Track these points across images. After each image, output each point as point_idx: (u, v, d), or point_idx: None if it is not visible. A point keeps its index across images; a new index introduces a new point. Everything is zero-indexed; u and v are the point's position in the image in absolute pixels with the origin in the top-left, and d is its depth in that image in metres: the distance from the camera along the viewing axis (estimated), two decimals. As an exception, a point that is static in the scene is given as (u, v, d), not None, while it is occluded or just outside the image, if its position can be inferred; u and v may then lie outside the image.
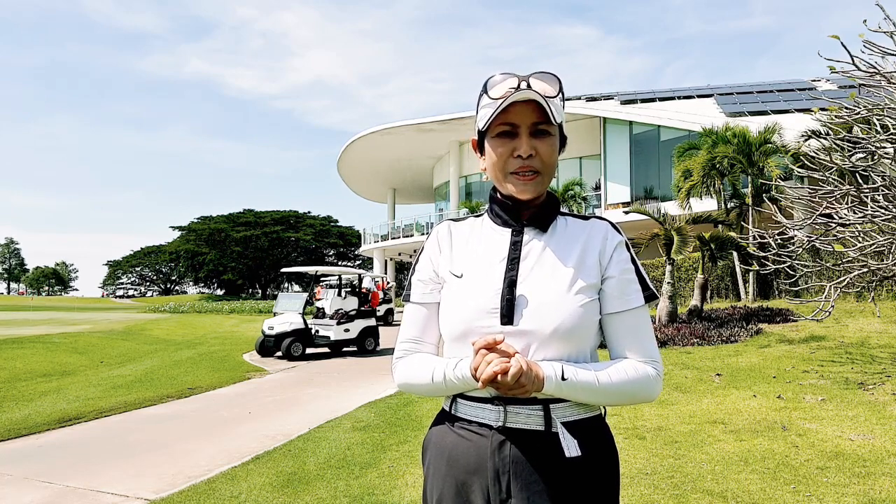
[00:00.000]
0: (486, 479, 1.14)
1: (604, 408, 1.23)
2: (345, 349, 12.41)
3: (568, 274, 1.17)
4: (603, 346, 1.25)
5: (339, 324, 12.00)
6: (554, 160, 1.20)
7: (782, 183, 8.74)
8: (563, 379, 1.09)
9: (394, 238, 34.18)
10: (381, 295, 20.87)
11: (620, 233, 1.25)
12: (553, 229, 1.24)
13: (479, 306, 1.16)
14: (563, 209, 1.30)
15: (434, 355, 1.27)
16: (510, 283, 1.16)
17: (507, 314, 1.14)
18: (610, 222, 1.26)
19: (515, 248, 1.21)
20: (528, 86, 1.13)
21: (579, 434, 1.13)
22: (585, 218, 1.28)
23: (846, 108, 6.16)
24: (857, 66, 5.40)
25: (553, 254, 1.20)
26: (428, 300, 1.27)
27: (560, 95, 1.18)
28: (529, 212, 1.23)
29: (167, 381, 8.67)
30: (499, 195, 1.26)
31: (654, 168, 23.26)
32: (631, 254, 1.23)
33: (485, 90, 1.18)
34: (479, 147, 1.27)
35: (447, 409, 1.25)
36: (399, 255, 37.41)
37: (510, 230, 1.24)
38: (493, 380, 1.03)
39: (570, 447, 1.10)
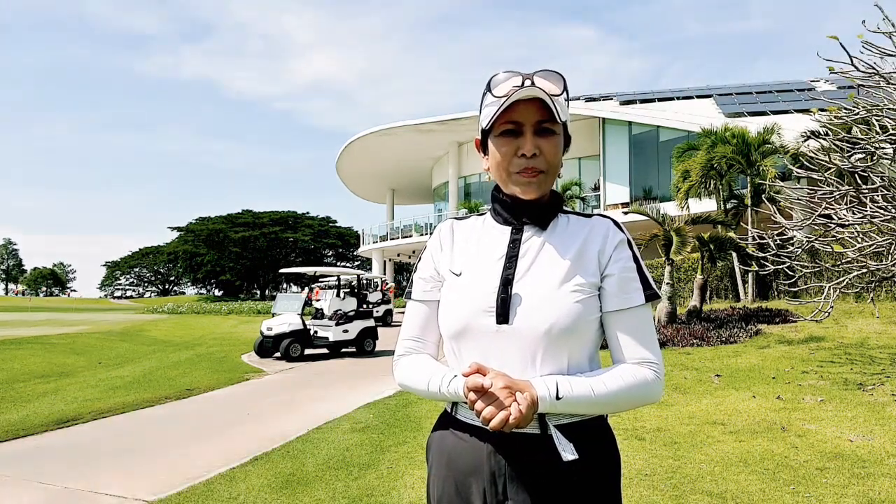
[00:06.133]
0: (483, 480, 1.14)
1: None
2: (343, 350, 12.39)
3: (564, 271, 1.15)
4: (604, 346, 1.24)
5: (337, 324, 11.97)
6: (558, 159, 1.18)
7: (781, 183, 8.73)
8: (557, 398, 1.07)
9: (393, 239, 34.18)
10: (381, 295, 20.82)
11: (623, 231, 1.23)
12: (553, 227, 1.22)
13: (476, 305, 1.16)
14: (566, 208, 1.28)
15: (433, 357, 1.28)
16: (505, 282, 1.15)
17: (502, 313, 1.13)
18: (613, 220, 1.23)
19: (514, 245, 1.20)
20: (533, 84, 1.11)
21: (577, 436, 1.12)
22: (588, 216, 1.26)
23: (845, 108, 6.17)
24: (855, 66, 5.41)
25: (551, 251, 1.18)
26: (428, 298, 1.28)
27: (565, 94, 1.16)
28: (531, 210, 1.22)
29: (165, 383, 8.66)
30: (501, 194, 1.25)
31: (653, 168, 23.29)
32: (633, 252, 1.21)
33: (488, 88, 1.16)
34: (483, 146, 1.25)
35: (448, 410, 1.26)
36: (398, 255, 37.41)
37: (510, 228, 1.23)
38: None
39: (566, 451, 1.08)
